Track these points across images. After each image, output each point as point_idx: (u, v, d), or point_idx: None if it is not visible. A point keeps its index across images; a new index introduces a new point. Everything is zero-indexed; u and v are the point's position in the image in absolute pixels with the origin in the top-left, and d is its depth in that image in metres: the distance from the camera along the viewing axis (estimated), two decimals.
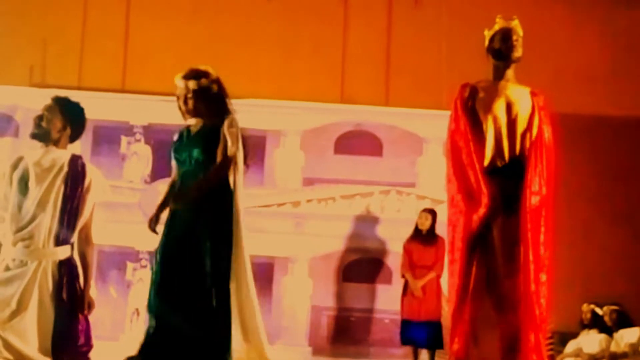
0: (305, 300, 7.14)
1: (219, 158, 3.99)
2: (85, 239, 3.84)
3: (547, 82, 7.09)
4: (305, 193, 7.26)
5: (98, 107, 6.05)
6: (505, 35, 4.08)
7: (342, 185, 7.26)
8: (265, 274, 7.16)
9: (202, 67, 4.19)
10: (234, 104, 7.20)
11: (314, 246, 7.18)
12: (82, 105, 4.06)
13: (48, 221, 3.67)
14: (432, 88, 7.31)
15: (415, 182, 7.29)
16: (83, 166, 3.80)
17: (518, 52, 4.09)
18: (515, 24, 4.14)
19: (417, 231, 6.52)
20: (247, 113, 7.20)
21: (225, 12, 7.57)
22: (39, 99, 7.02)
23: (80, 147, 5.65)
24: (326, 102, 7.39)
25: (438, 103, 7.28)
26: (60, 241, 3.70)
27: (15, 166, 3.75)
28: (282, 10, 7.60)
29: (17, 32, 7.40)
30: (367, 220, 7.20)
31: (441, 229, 6.35)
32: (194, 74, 4.12)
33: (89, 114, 4.18)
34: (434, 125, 7.22)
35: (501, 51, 4.08)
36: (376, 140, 7.36)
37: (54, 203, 3.67)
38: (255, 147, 7.29)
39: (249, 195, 7.15)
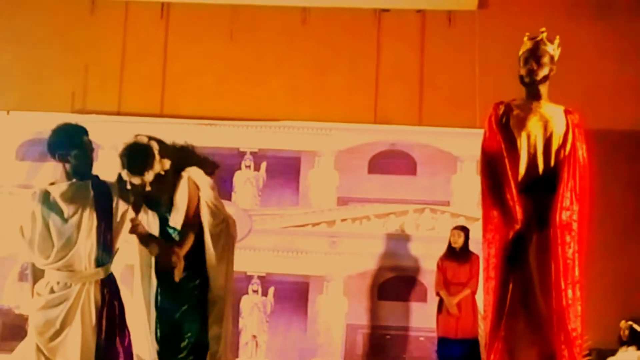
0: (341, 319, 7.19)
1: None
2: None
3: (582, 98, 7.13)
4: (339, 212, 7.33)
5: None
6: (527, 59, 4.09)
7: (376, 204, 7.31)
8: (300, 293, 7.24)
9: (134, 140, 3.95)
10: (272, 126, 7.40)
11: (348, 265, 7.24)
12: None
13: (87, 246, 3.77)
14: (465, 106, 7.34)
15: (450, 200, 7.31)
16: (106, 184, 3.88)
17: (542, 73, 4.08)
18: (541, 40, 4.11)
19: (450, 249, 6.55)
20: (282, 134, 7.46)
21: (261, 34, 7.70)
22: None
23: None
24: (360, 122, 7.47)
25: (472, 121, 7.31)
26: (100, 262, 3.81)
27: (43, 202, 3.80)
28: (316, 32, 7.70)
29: (59, 59, 7.62)
30: (401, 239, 7.24)
31: (474, 246, 6.43)
32: (142, 164, 3.86)
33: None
34: (468, 143, 7.23)
35: (523, 77, 4.10)
36: (410, 159, 7.41)
37: (89, 228, 3.76)
38: (290, 167, 7.47)
39: (284, 215, 7.35)
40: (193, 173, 4.12)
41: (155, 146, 3.92)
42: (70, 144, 3.84)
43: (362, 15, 7.70)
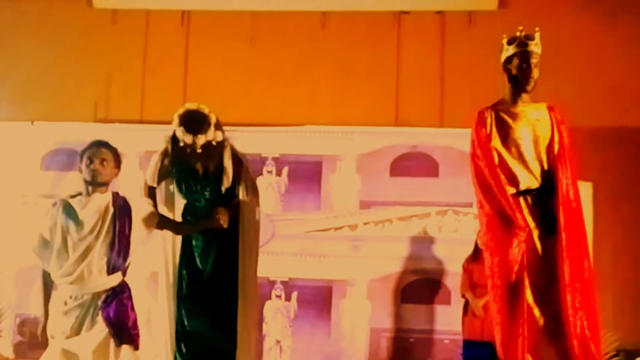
0: (364, 323, 7.17)
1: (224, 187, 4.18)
2: None
3: (602, 96, 7.07)
4: (362, 216, 7.32)
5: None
6: (524, 60, 4.06)
7: (398, 207, 7.28)
8: (323, 297, 7.24)
9: (196, 107, 4.20)
10: (294, 131, 7.44)
11: (371, 268, 7.22)
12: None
13: (100, 259, 3.83)
14: None
15: (473, 201, 7.22)
16: (125, 200, 3.95)
17: (534, 79, 4.06)
18: (535, 43, 4.07)
19: (477, 250, 6.50)
20: (303, 139, 7.47)
21: (281, 40, 7.73)
22: (103, 134, 7.34)
23: None
24: (381, 125, 7.45)
25: None
26: (111, 271, 3.87)
27: (64, 214, 3.89)
28: (336, 36, 7.71)
29: (82, 69, 7.71)
30: (424, 241, 7.22)
31: None
32: (197, 125, 4.10)
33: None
34: None
35: (518, 79, 4.08)
36: (432, 161, 7.38)
37: (105, 242, 3.83)
38: (312, 172, 7.48)
39: (306, 220, 7.36)
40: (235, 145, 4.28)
41: (213, 117, 4.16)
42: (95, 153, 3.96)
43: (381, 17, 7.70)
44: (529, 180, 4.02)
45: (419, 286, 7.20)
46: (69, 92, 7.64)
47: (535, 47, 4.08)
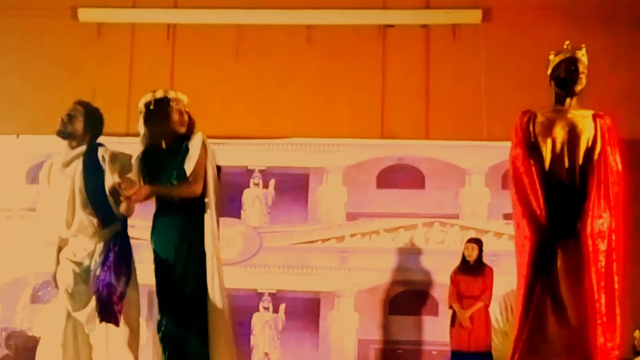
0: (352, 334, 7.18)
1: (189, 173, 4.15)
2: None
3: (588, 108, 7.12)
4: (349, 228, 7.35)
5: None
6: (572, 64, 4.02)
7: (385, 219, 7.32)
8: (311, 309, 7.25)
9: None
10: (280, 144, 7.45)
11: (359, 280, 7.24)
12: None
13: (83, 209, 3.95)
14: (472, 119, 7.36)
15: (459, 213, 7.31)
16: (96, 150, 4.08)
17: (582, 84, 4.03)
18: (582, 53, 4.06)
19: (464, 262, 6.53)
20: (290, 152, 7.50)
21: (267, 53, 7.75)
22: None
23: None
24: (367, 138, 7.49)
25: (479, 134, 7.34)
26: (105, 223, 3.98)
27: (48, 175, 4.09)
28: (322, 50, 7.75)
29: (67, 83, 7.67)
30: (411, 253, 7.25)
31: (487, 258, 6.44)
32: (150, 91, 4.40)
33: None
34: (476, 156, 7.28)
35: (566, 81, 4.03)
36: (418, 173, 7.42)
37: (81, 194, 3.96)
38: (298, 184, 7.49)
39: (293, 232, 7.37)
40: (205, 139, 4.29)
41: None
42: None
43: (366, 31, 7.74)
44: (558, 178, 3.96)
45: (406, 297, 7.22)
46: (55, 105, 7.52)
47: (582, 56, 4.06)
